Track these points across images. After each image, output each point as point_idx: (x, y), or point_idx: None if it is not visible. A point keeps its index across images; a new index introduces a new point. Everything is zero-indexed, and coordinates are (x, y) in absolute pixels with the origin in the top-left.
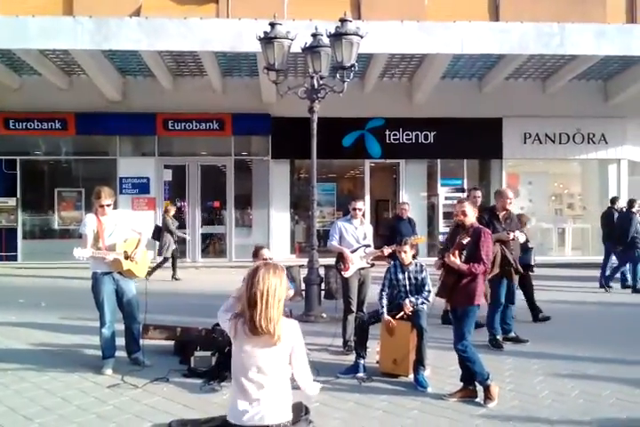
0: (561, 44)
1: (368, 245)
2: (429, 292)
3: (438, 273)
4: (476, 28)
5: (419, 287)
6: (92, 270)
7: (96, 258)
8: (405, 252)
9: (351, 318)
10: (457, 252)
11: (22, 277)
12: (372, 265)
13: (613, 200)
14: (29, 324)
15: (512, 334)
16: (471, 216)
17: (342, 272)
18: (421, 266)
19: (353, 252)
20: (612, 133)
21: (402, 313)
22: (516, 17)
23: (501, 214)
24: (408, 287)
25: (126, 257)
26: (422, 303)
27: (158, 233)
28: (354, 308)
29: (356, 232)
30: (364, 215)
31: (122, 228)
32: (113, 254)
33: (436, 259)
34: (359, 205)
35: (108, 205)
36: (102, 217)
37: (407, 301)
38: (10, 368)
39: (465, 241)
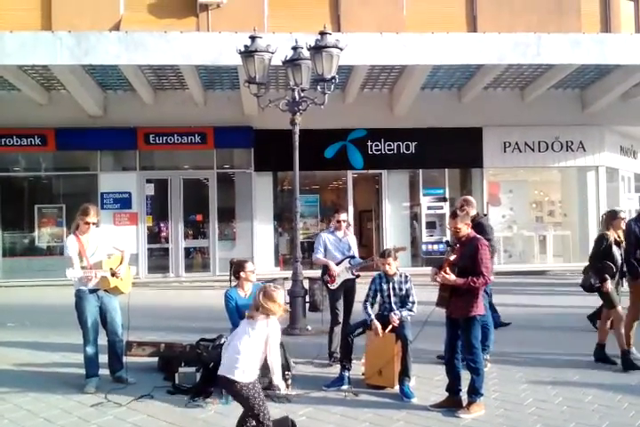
0: (538, 54)
1: (353, 257)
2: (414, 303)
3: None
4: (454, 39)
5: (403, 298)
6: (77, 288)
7: (84, 277)
8: (389, 264)
9: (337, 329)
10: (448, 269)
11: (3, 295)
12: (358, 276)
13: None
14: (10, 343)
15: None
16: (464, 230)
17: (328, 284)
18: (406, 276)
19: (338, 264)
20: (589, 141)
21: (390, 327)
22: (494, 28)
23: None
24: (392, 298)
25: (112, 274)
26: (408, 315)
27: None
28: (340, 319)
29: (341, 244)
30: (347, 227)
31: (104, 246)
32: (101, 272)
33: (431, 268)
34: (342, 216)
35: (94, 224)
36: (83, 236)
37: (392, 314)
38: None
39: (452, 258)
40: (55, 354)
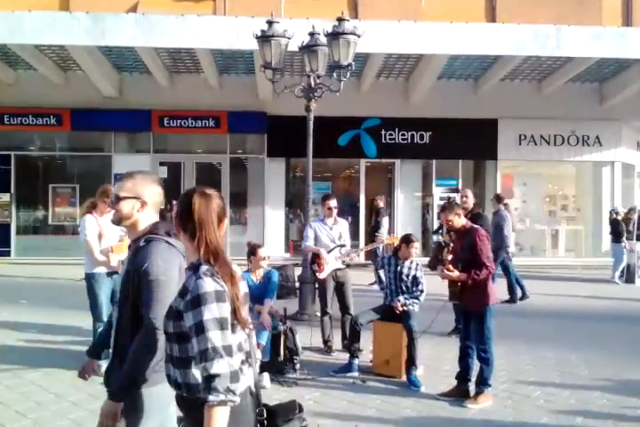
0: (557, 46)
1: (343, 245)
2: (422, 291)
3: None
4: (473, 28)
5: (408, 284)
6: (91, 271)
7: (102, 262)
8: (416, 248)
9: (326, 319)
10: (450, 266)
11: (16, 272)
12: (348, 266)
13: None
14: (22, 320)
15: None
16: (457, 221)
17: (317, 274)
18: (417, 264)
19: (328, 252)
20: (606, 136)
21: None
22: (513, 18)
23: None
24: (396, 282)
25: None
26: (413, 303)
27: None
28: (329, 310)
29: (331, 232)
30: (338, 214)
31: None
32: (117, 258)
33: (438, 267)
34: (333, 203)
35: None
36: (101, 217)
37: (396, 300)
38: (2, 364)
39: (449, 258)
40: (67, 331)
